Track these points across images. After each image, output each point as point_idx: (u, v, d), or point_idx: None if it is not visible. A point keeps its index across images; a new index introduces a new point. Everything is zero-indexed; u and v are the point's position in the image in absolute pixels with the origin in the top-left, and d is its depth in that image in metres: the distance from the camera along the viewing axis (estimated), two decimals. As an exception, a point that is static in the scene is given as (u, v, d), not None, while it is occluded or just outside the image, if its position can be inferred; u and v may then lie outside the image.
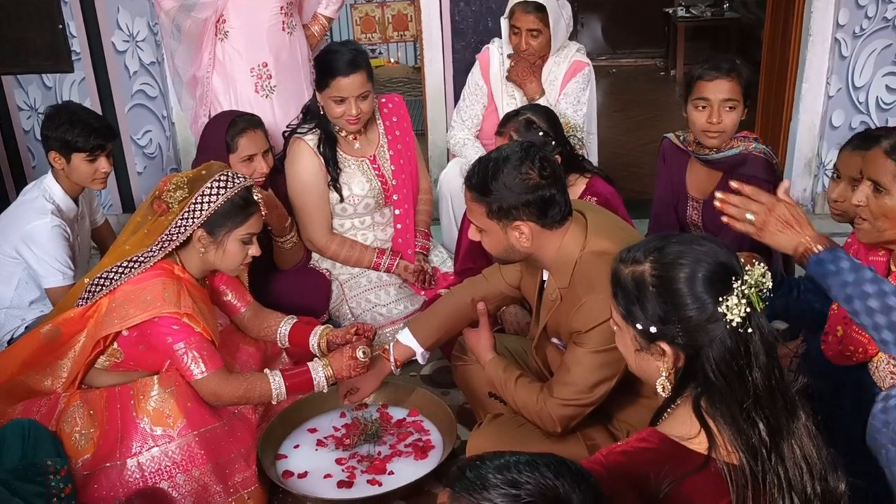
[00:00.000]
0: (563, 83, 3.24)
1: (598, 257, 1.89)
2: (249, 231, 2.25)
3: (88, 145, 2.70)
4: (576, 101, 3.24)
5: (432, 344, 2.35)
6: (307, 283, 2.98)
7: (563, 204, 1.92)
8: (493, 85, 3.29)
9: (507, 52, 3.26)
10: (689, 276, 1.36)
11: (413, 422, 2.47)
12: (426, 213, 3.21)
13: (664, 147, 2.82)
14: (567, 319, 1.95)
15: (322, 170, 2.94)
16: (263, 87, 3.16)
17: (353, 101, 2.82)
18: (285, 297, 2.79)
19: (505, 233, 1.93)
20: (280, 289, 2.87)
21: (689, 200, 2.76)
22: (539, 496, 1.06)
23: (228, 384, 2.18)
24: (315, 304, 2.96)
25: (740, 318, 1.33)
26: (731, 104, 2.51)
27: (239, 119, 2.81)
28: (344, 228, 3.09)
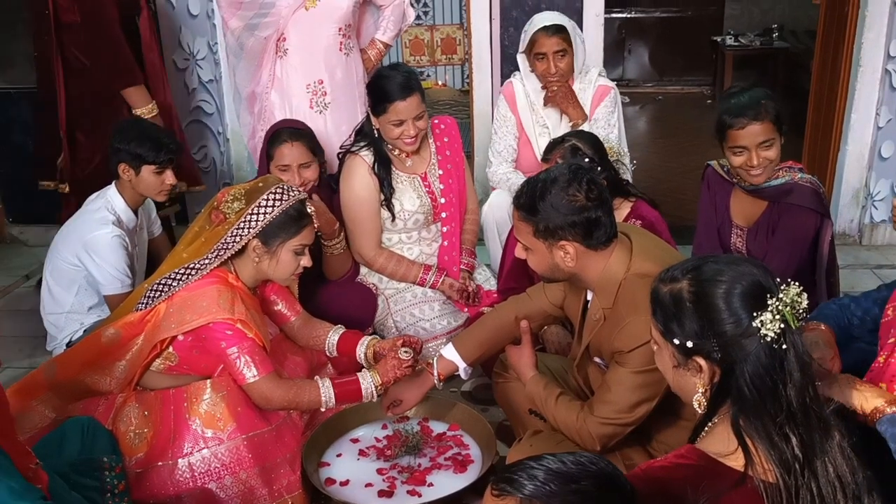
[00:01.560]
0: (591, 109, 3.27)
1: (642, 279, 1.91)
2: (302, 242, 2.30)
3: (159, 159, 2.82)
4: (606, 124, 3.25)
5: (475, 360, 2.38)
6: (354, 295, 3.05)
7: (608, 226, 1.95)
8: (523, 116, 3.33)
9: (530, 85, 3.28)
10: (726, 292, 1.39)
11: (453, 436, 2.49)
12: (472, 231, 3.24)
13: (708, 174, 2.83)
14: (610, 339, 1.98)
15: (375, 187, 3.01)
16: (318, 103, 3.24)
17: (410, 122, 2.89)
18: (333, 309, 2.85)
19: (550, 252, 1.97)
20: (328, 300, 2.93)
21: (732, 228, 2.77)
22: (586, 474, 1.16)
23: (279, 388, 2.22)
24: (361, 316, 3.01)
25: (775, 333, 1.35)
26: (768, 143, 2.52)
27: (283, 130, 2.89)
28: (391, 242, 3.14)
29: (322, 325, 2.59)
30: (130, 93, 3.26)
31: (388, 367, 2.31)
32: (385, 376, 2.30)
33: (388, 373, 2.30)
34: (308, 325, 2.59)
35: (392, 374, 2.30)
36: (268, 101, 3.25)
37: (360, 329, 2.90)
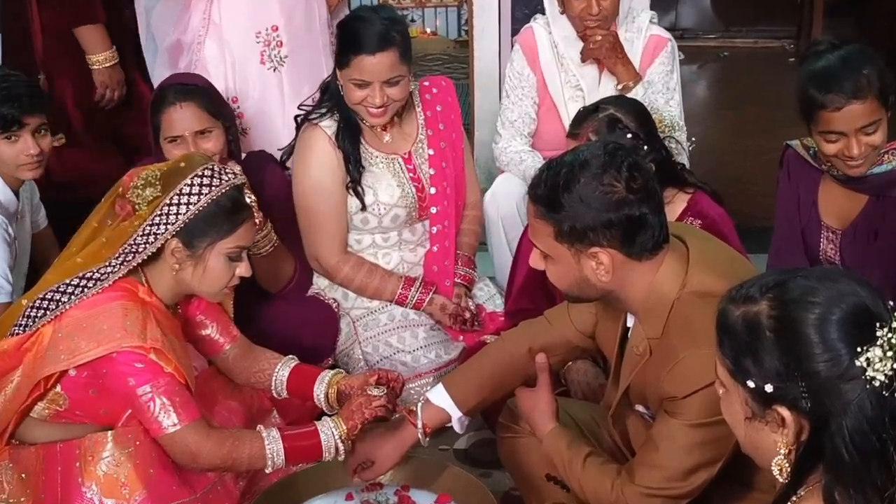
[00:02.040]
0: (641, 66, 3.28)
1: (702, 299, 1.91)
2: (238, 244, 2.29)
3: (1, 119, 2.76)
4: (664, 88, 3.28)
5: (473, 407, 2.38)
6: (308, 316, 3.05)
7: (657, 227, 1.95)
8: (547, 75, 3.34)
9: (559, 32, 3.29)
10: (820, 319, 1.39)
11: (444, 511, 2.49)
12: (472, 233, 3.24)
13: (788, 159, 2.85)
14: (658, 381, 1.98)
15: (340, 167, 3.02)
16: (272, 56, 3.27)
17: (378, 88, 2.89)
18: (281, 334, 2.85)
19: (578, 262, 1.97)
20: (274, 322, 2.93)
21: (822, 230, 2.78)
22: None
23: (208, 441, 2.21)
24: (319, 343, 3.02)
25: (885, 376, 1.35)
26: (872, 126, 2.50)
27: (168, 89, 2.89)
28: (362, 246, 3.14)
29: (267, 357, 2.58)
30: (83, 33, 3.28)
31: (354, 408, 2.31)
32: (350, 420, 2.31)
33: (354, 416, 2.30)
34: (248, 355, 2.58)
35: (358, 416, 2.30)
36: (200, 53, 3.27)
37: (318, 361, 2.91)
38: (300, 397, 2.57)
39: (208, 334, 2.55)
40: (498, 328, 3.02)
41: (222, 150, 2.89)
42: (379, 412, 2.33)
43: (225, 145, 2.91)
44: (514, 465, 2.45)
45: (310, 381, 2.52)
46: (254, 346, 2.60)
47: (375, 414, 2.32)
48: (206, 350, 2.57)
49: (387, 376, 2.45)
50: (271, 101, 3.38)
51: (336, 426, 2.31)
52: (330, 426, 2.31)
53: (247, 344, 2.60)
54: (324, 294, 3.17)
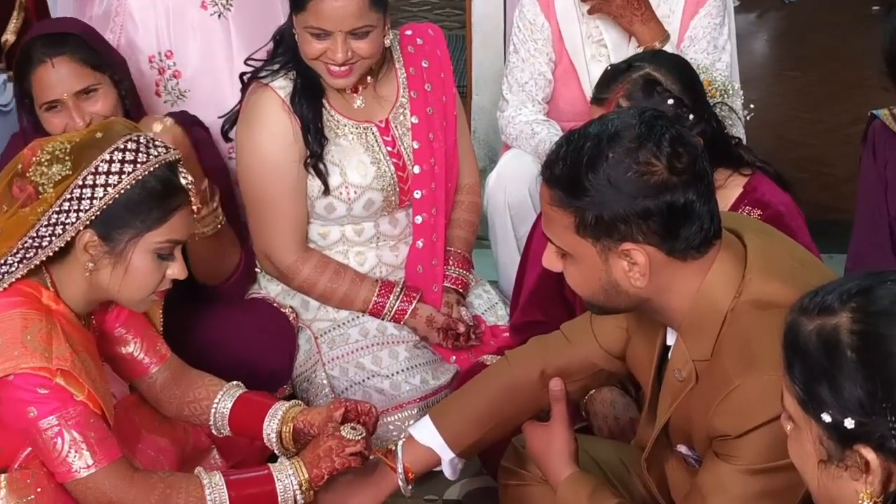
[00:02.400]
0: (683, 19, 3.31)
1: (763, 311, 1.90)
2: (170, 237, 2.29)
3: None
4: (711, 47, 3.29)
5: (469, 446, 2.38)
6: (258, 330, 3.03)
7: (706, 218, 1.94)
8: (565, 26, 3.35)
9: None
10: None
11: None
12: (468, 225, 3.25)
13: (874, 133, 2.85)
14: (706, 414, 1.96)
15: (297, 139, 3.01)
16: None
17: (340, 39, 2.88)
18: (222, 354, 2.84)
19: (605, 261, 1.96)
20: (214, 336, 2.93)
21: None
22: None
23: (133, 488, 2.19)
24: (270, 366, 3.01)
25: None
26: None
27: (34, 43, 2.89)
28: (328, 242, 3.14)
29: (204, 383, 2.58)
30: None
31: (322, 453, 2.30)
32: (316, 468, 2.29)
33: (321, 463, 2.29)
34: (180, 380, 2.57)
35: (326, 464, 2.30)
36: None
37: (272, 389, 2.90)
38: (246, 435, 2.56)
39: (130, 353, 2.53)
40: (501, 346, 3.02)
41: (114, 112, 2.89)
42: (354, 462, 2.32)
43: (118, 104, 2.91)
44: (521, 520, 2.44)
45: (258, 416, 2.51)
46: (188, 369, 2.59)
47: (348, 464, 2.32)
48: (128, 372, 2.55)
49: (356, 408, 2.44)
50: (216, 55, 3.38)
51: (296, 471, 2.29)
52: (288, 471, 2.30)
53: (179, 366, 2.59)
54: (277, 301, 3.17)
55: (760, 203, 2.71)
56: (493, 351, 3.06)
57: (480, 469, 2.87)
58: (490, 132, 4.08)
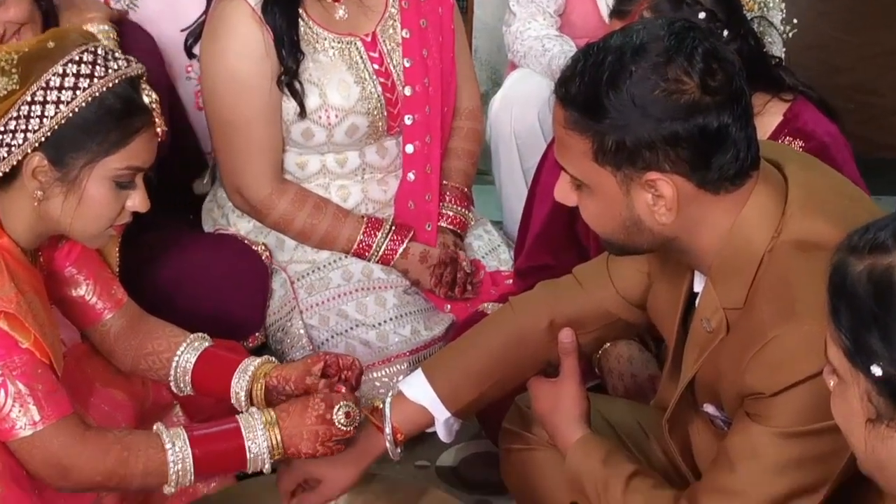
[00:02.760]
0: None
1: (805, 253, 1.90)
2: (130, 163, 2.28)
3: None
4: None
5: (466, 405, 2.39)
6: (226, 267, 3.06)
7: (742, 146, 1.94)
8: None
9: None
10: None
11: (422, 554, 2.51)
12: (467, 155, 3.26)
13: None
14: (738, 370, 1.97)
15: (270, 54, 3.02)
16: None
17: None
18: (183, 294, 2.87)
19: (627, 194, 1.96)
20: (174, 277, 2.95)
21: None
22: None
23: (85, 447, 2.19)
24: (240, 309, 3.05)
25: None
26: None
27: None
28: (305, 173, 3.15)
29: (165, 333, 2.59)
30: None
31: (306, 434, 2.30)
32: (293, 447, 2.30)
33: (301, 444, 2.30)
34: (138, 330, 2.58)
35: (308, 448, 2.30)
36: None
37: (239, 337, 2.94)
38: (211, 395, 2.57)
39: (81, 296, 2.53)
40: (503, 294, 3.03)
41: (30, 17, 2.88)
42: (337, 451, 2.32)
43: (34, 9, 2.90)
44: (523, 489, 2.47)
45: (225, 373, 2.51)
46: (146, 317, 2.60)
47: (331, 453, 2.32)
48: (79, 318, 2.55)
49: (337, 363, 2.44)
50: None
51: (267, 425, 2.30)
52: (259, 424, 2.30)
53: (136, 313, 2.59)
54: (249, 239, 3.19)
55: (803, 133, 2.71)
56: (495, 299, 3.08)
57: (479, 431, 2.91)
58: (493, 51, 4.07)
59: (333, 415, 2.30)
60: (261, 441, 2.30)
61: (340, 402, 2.32)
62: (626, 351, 2.73)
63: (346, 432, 2.31)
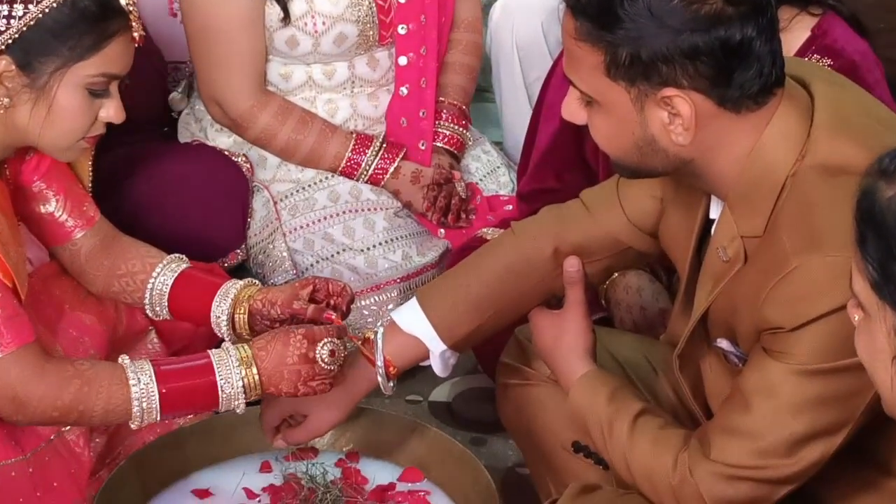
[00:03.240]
0: None
1: (831, 178, 1.89)
2: (105, 70, 2.28)
3: None
4: None
5: (463, 337, 2.39)
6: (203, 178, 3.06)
7: (767, 61, 1.92)
8: None
9: None
10: None
11: (412, 493, 2.51)
12: (465, 70, 3.26)
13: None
14: (756, 302, 1.96)
15: None
16: None
17: None
18: (158, 207, 2.88)
19: (641, 111, 1.95)
20: (148, 190, 2.97)
21: None
22: None
23: (43, 380, 2.20)
24: (218, 222, 3.06)
25: None
26: None
27: None
28: (289, 85, 3.15)
29: (140, 253, 2.58)
30: None
31: (287, 374, 2.29)
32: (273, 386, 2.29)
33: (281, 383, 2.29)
34: (110, 249, 2.58)
35: (288, 388, 2.30)
36: None
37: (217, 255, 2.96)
38: (190, 319, 2.58)
39: (51, 212, 2.53)
40: (504, 219, 3.03)
41: None
42: (320, 391, 2.31)
43: None
44: (522, 427, 2.48)
45: (205, 295, 2.51)
46: (120, 236, 2.60)
47: (313, 393, 2.31)
48: (47, 237, 2.55)
49: (327, 287, 2.44)
50: None
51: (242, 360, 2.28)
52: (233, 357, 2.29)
53: (109, 231, 2.59)
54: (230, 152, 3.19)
55: (831, 51, 2.69)
56: (493, 225, 3.07)
57: (475, 366, 2.92)
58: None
59: (317, 353, 2.28)
60: (235, 380, 2.29)
61: (324, 338, 2.30)
62: (636, 282, 2.73)
63: (329, 371, 2.30)
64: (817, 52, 2.70)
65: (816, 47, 2.71)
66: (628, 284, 2.73)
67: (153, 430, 2.48)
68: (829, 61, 2.66)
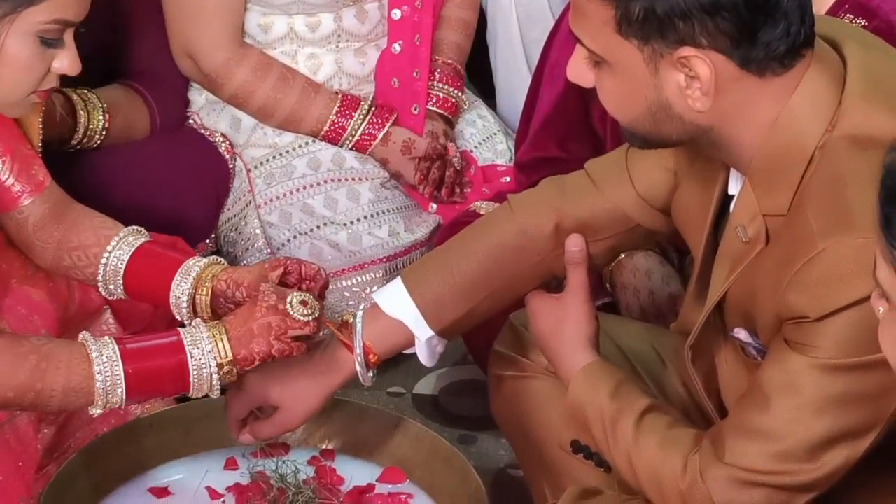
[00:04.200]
0: None
1: (865, 151, 1.89)
2: (57, 16, 2.27)
3: None
4: None
5: (452, 323, 2.39)
6: (176, 155, 3.07)
7: (794, 18, 1.91)
8: None
9: None
10: None
11: (392, 496, 2.52)
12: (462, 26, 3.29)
13: None
14: (777, 287, 1.96)
15: None
16: None
17: None
18: (120, 188, 2.89)
19: (655, 73, 1.94)
20: (110, 165, 2.94)
21: None
22: None
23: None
24: (189, 206, 3.05)
25: None
26: None
27: None
28: (268, 38, 3.16)
29: (94, 224, 2.58)
30: None
31: (257, 329, 2.29)
32: (245, 348, 2.29)
33: (252, 343, 2.29)
34: (62, 219, 2.58)
35: (262, 347, 2.29)
36: None
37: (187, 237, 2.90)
38: (147, 299, 2.58)
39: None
40: (500, 191, 3.04)
41: None
42: (297, 350, 2.31)
43: None
44: (516, 424, 2.48)
45: (165, 273, 2.50)
46: (73, 204, 2.60)
47: (290, 352, 2.30)
48: (-7, 203, 2.55)
49: (299, 270, 2.44)
50: None
51: (215, 345, 2.28)
52: (205, 341, 2.28)
53: (61, 198, 2.59)
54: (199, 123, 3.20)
55: (866, 9, 2.68)
56: (489, 198, 3.08)
57: (464, 355, 2.93)
58: None
59: (287, 302, 2.29)
60: (205, 346, 2.29)
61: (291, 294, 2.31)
62: (644, 263, 2.73)
63: (304, 324, 2.30)
64: (850, 11, 2.69)
65: (850, 5, 2.70)
66: (636, 266, 2.74)
67: (107, 422, 2.50)
68: (863, 21, 2.65)
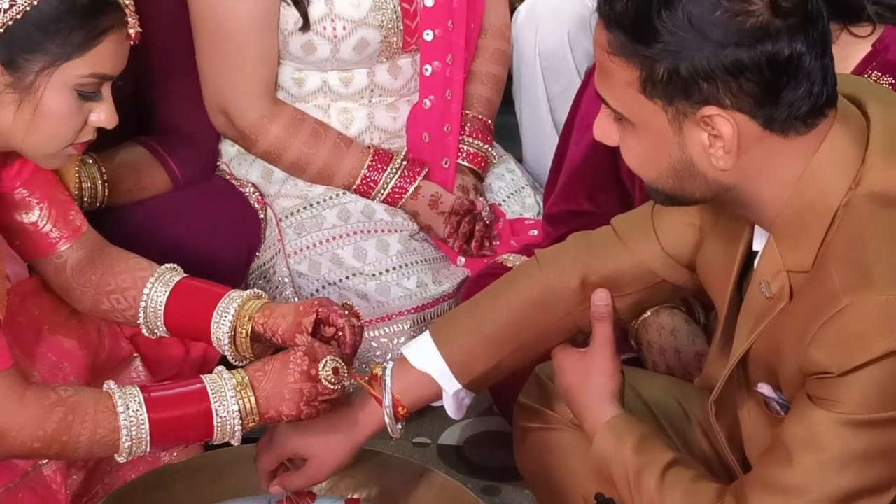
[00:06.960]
0: None
1: (888, 208, 1.90)
2: (96, 70, 2.28)
3: None
4: None
5: (480, 376, 2.39)
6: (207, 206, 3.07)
7: (818, 79, 1.91)
8: None
9: None
10: None
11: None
12: (493, 81, 3.27)
13: None
14: (801, 343, 1.96)
15: None
16: None
17: None
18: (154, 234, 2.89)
19: (679, 132, 1.95)
20: (144, 213, 2.96)
21: None
22: None
23: (24, 408, 2.19)
24: (220, 257, 3.04)
25: None
26: None
27: None
28: (302, 91, 3.16)
29: (131, 266, 2.59)
30: None
31: (287, 394, 2.29)
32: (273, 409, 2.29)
33: (281, 405, 2.29)
34: (99, 262, 2.58)
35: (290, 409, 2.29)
36: None
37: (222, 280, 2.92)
38: (191, 336, 2.58)
39: (33, 222, 2.52)
40: (527, 245, 3.03)
41: None
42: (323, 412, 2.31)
43: None
44: (540, 476, 2.48)
45: (204, 310, 2.50)
46: (109, 248, 2.60)
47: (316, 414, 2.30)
48: (29, 248, 2.55)
49: (330, 315, 2.42)
50: None
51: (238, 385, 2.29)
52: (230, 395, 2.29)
53: (97, 242, 2.59)
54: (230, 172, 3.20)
55: (894, 67, 2.66)
56: (516, 251, 3.07)
57: (489, 406, 2.92)
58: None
59: (320, 370, 2.29)
60: (230, 405, 2.28)
61: (326, 356, 2.30)
62: (670, 322, 2.72)
63: (333, 390, 2.30)
64: (878, 69, 2.67)
65: (878, 63, 2.68)
66: (661, 324, 2.73)
67: (136, 468, 2.49)
68: (890, 79, 2.63)
